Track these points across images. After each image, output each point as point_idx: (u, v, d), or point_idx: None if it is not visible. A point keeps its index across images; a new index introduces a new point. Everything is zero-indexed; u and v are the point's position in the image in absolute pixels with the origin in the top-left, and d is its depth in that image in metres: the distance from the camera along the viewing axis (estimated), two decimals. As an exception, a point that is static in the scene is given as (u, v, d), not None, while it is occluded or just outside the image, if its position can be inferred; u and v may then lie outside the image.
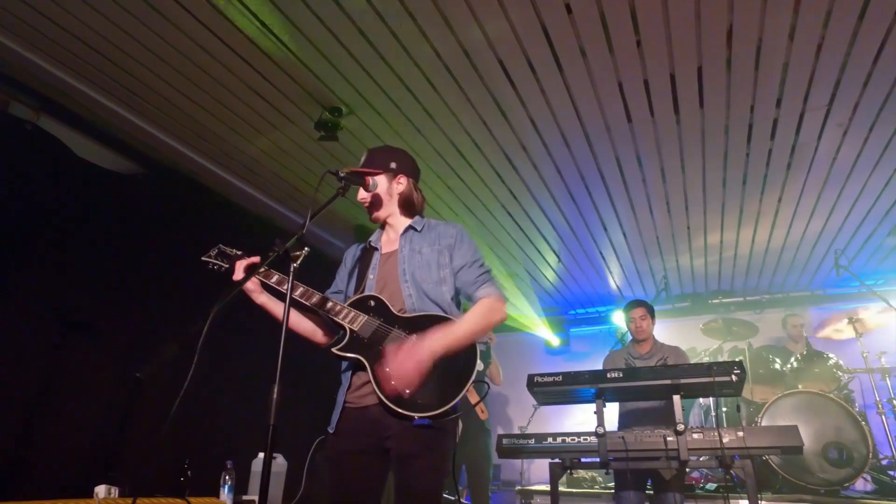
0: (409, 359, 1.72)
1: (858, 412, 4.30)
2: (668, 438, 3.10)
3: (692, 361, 6.05)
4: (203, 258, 2.17)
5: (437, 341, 1.76)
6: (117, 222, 3.67)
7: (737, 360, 3.10)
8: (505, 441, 3.50)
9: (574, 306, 7.42)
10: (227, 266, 2.10)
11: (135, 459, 3.27)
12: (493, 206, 4.67)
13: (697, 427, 3.21)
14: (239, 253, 2.14)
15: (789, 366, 4.83)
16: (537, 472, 6.71)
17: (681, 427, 3.05)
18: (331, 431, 1.90)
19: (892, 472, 4.35)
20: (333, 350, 1.89)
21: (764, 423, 4.26)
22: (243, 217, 4.72)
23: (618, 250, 5.50)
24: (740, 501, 3.87)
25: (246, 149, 3.97)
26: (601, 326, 7.44)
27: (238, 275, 2.01)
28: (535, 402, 6.22)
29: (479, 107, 3.45)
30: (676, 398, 3.15)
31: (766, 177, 4.14)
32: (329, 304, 1.94)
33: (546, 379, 3.39)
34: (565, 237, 5.21)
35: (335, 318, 1.91)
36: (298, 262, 1.62)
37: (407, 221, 2.12)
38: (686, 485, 3.89)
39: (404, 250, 2.05)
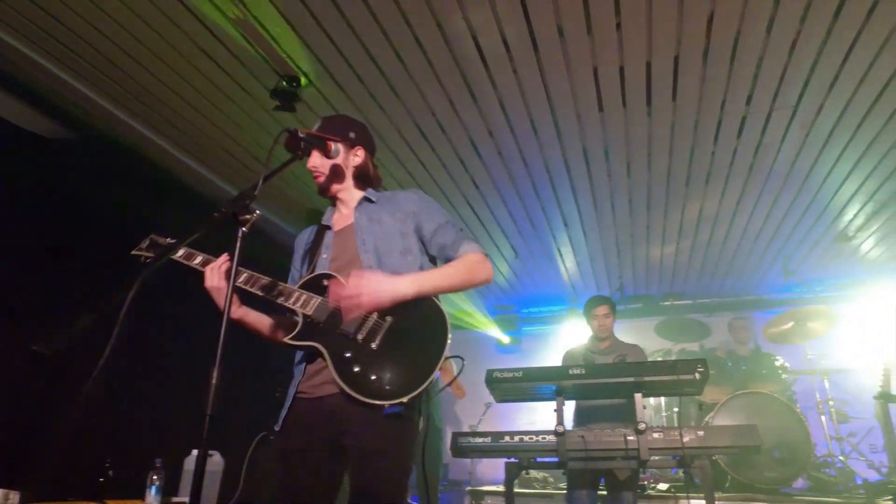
0: (370, 283, 1.57)
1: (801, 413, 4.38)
2: (629, 438, 3.03)
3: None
4: (133, 252, 1.89)
5: (405, 278, 1.62)
6: (41, 191, 3.27)
7: (701, 359, 3.05)
8: (460, 440, 3.34)
9: (527, 304, 7.35)
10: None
11: (46, 458, 2.91)
12: (454, 195, 4.50)
13: (657, 426, 3.14)
14: (173, 242, 1.86)
15: (739, 367, 4.90)
16: (487, 472, 6.59)
17: (642, 426, 2.98)
18: (277, 429, 1.66)
19: (825, 470, 4.45)
20: (286, 340, 1.65)
21: (716, 424, 4.28)
22: (186, 194, 4.35)
23: (576, 248, 5.44)
24: (693, 502, 3.86)
25: (193, 118, 3.64)
26: (554, 326, 7.41)
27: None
28: (486, 401, 6.13)
29: (447, 85, 3.27)
30: (638, 397, 3.09)
31: (729, 177, 4.14)
32: (277, 289, 1.70)
33: (506, 374, 3.27)
34: (525, 232, 5.10)
35: (285, 304, 1.68)
36: (248, 226, 1.38)
37: (360, 194, 1.93)
38: (639, 485, 3.85)
39: (361, 221, 1.86)
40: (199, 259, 1.79)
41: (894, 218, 4.83)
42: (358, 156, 1.93)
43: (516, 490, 4.78)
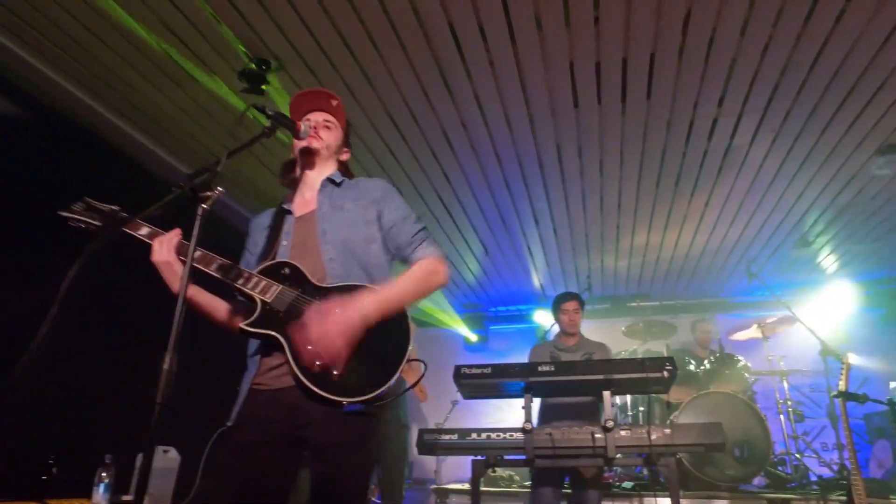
0: (337, 326, 1.43)
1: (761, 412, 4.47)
2: (597, 435, 3.03)
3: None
4: (62, 213, 1.71)
5: (368, 303, 1.50)
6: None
7: (670, 356, 3.06)
8: (426, 436, 3.29)
9: (496, 303, 7.34)
10: (98, 224, 1.69)
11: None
12: (425, 189, 4.44)
13: (624, 424, 3.14)
14: (115, 209, 1.72)
15: (703, 367, 4.97)
16: (452, 470, 6.55)
17: (610, 423, 2.98)
18: (230, 423, 1.55)
19: (782, 468, 4.55)
20: (242, 326, 1.54)
21: (681, 422, 4.34)
22: (148, 181, 4.15)
23: (546, 246, 5.44)
24: (657, 499, 3.89)
25: (157, 100, 3.48)
26: (521, 325, 7.42)
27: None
28: (453, 399, 6.08)
29: (422, 75, 3.20)
30: (606, 394, 3.09)
31: (699, 179, 4.19)
32: (235, 272, 1.59)
33: (474, 371, 3.22)
34: (495, 227, 5.07)
35: (243, 288, 1.57)
36: (209, 203, 1.28)
37: (326, 174, 1.85)
38: (603, 483, 3.86)
39: (323, 207, 1.76)
40: (145, 230, 1.65)
41: (850, 226, 4.99)
42: (339, 136, 1.91)
43: (483, 488, 4.76)
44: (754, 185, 4.29)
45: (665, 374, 3.00)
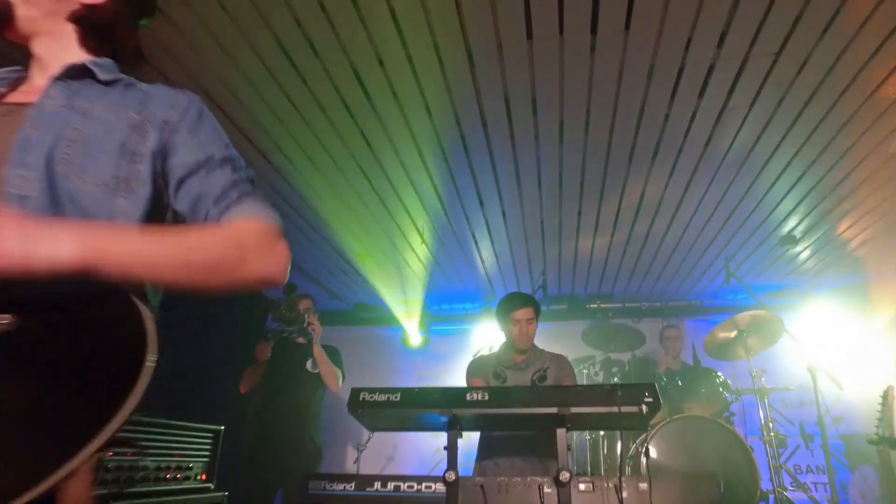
0: None
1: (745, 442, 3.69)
2: (546, 490, 2.15)
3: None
4: None
5: (75, 238, 0.80)
6: None
7: (650, 384, 2.19)
8: (312, 486, 2.34)
9: (438, 301, 6.42)
10: None
11: None
12: (349, 168, 3.45)
13: (584, 476, 2.26)
14: None
15: (675, 383, 4.18)
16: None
17: (565, 476, 2.11)
18: None
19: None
20: None
21: (651, 450, 3.53)
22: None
23: (493, 233, 4.53)
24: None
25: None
26: (466, 326, 6.53)
27: None
28: None
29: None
30: (561, 433, 2.22)
31: (681, 151, 3.35)
32: None
33: (378, 397, 2.30)
34: (431, 209, 4.13)
35: None
36: None
37: (82, 58, 1.08)
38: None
39: (51, 103, 0.99)
40: None
41: (833, 229, 4.33)
42: None
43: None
44: (742, 171, 3.48)
45: (644, 408, 2.14)
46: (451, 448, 2.23)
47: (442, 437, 2.24)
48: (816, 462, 5.72)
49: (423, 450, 6.26)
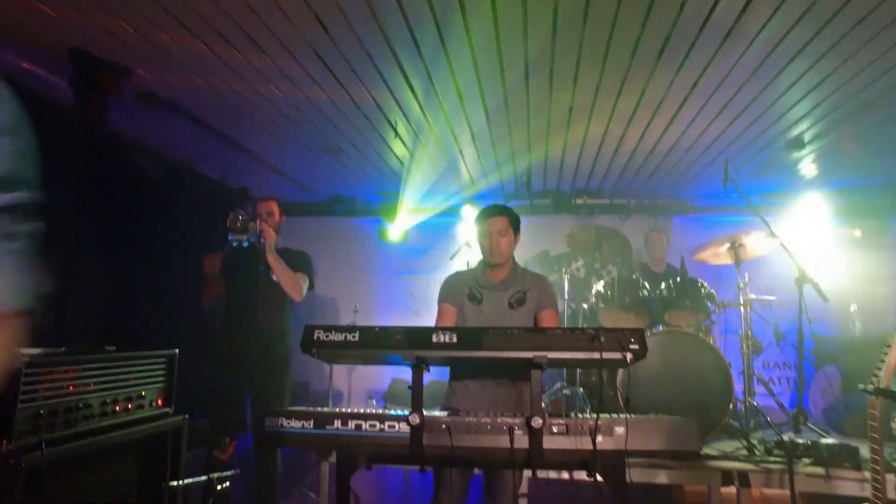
0: None
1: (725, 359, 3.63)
2: (517, 433, 2.03)
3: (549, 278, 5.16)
4: None
5: None
6: None
7: (636, 329, 1.98)
8: (268, 423, 2.19)
9: (417, 195, 6.10)
10: None
11: None
12: (288, 37, 2.92)
13: (559, 414, 2.12)
14: None
15: (659, 292, 4.04)
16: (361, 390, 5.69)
17: (537, 422, 1.97)
18: None
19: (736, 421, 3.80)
20: None
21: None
22: None
23: (476, 131, 4.10)
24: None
25: None
26: (447, 218, 6.30)
27: None
28: (356, 307, 5.00)
29: None
30: (535, 375, 2.06)
31: (693, 48, 2.87)
32: None
33: (334, 336, 2.09)
34: (404, 104, 3.67)
35: None
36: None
37: None
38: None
39: None
40: None
41: (845, 134, 3.97)
42: None
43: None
44: (766, 64, 3.03)
45: (628, 356, 1.97)
46: (416, 389, 2.06)
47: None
48: (785, 359, 5.86)
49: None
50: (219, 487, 2.41)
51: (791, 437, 3.29)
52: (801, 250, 5.56)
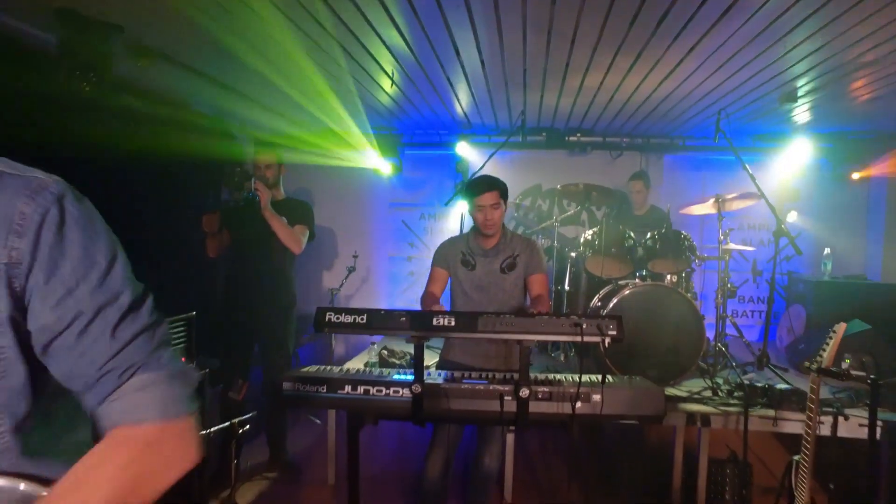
0: None
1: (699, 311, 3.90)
2: (506, 399, 2.34)
3: (541, 225, 5.32)
4: None
5: None
6: None
7: (616, 315, 2.20)
8: (285, 387, 2.45)
9: (411, 129, 6.10)
10: None
11: None
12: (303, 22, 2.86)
13: (544, 381, 2.38)
14: None
15: (644, 243, 4.24)
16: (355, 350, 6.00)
17: (524, 392, 2.26)
18: None
19: (705, 360, 4.14)
20: None
21: (609, 312, 3.71)
22: None
23: (471, 79, 4.07)
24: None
25: None
26: (441, 151, 6.33)
27: None
28: (350, 264, 5.15)
29: None
30: (525, 352, 2.34)
31: (693, 18, 2.87)
32: None
33: (344, 318, 2.32)
34: (400, 57, 3.63)
35: None
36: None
37: None
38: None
39: None
40: None
41: (841, 89, 3.99)
42: None
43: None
44: (766, 31, 3.01)
45: (606, 341, 2.22)
46: (418, 360, 2.32)
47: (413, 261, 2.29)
48: (760, 294, 6.21)
49: (395, 272, 6.56)
50: (241, 431, 2.71)
51: (751, 380, 3.64)
52: (786, 193, 5.76)
